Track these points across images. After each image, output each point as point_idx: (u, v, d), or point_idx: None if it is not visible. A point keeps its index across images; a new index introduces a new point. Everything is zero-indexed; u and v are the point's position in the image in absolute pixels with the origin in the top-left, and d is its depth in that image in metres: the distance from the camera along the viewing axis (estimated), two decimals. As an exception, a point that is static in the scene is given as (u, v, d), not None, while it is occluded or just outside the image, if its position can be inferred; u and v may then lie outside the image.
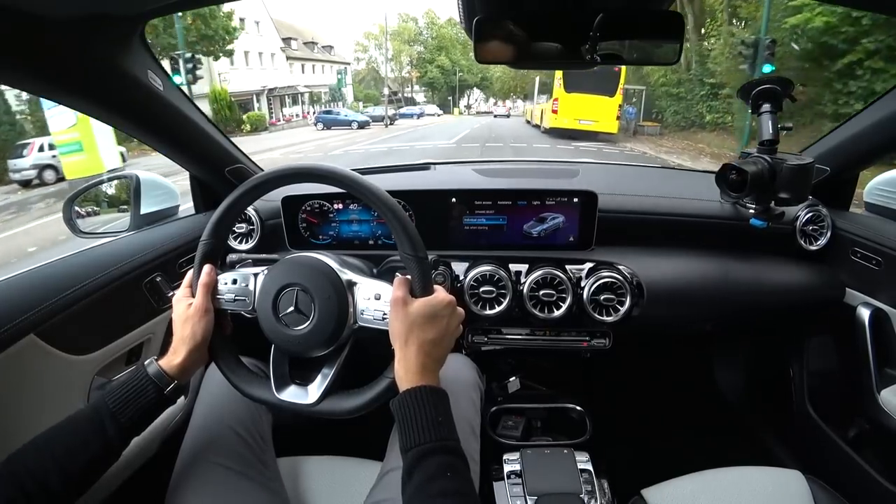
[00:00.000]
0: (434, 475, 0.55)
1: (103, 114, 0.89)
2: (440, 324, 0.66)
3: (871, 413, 1.12)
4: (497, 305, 1.13)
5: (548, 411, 1.34)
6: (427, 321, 0.65)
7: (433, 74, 51.34)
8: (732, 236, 1.23)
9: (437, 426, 0.58)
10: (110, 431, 0.61)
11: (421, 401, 0.60)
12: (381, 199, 0.68)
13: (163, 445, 1.00)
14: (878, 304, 1.14)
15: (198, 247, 0.75)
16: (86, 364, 0.86)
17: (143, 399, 0.64)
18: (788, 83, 1.05)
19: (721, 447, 1.54)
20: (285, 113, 31.78)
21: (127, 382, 0.65)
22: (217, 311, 0.74)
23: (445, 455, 0.57)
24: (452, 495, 0.54)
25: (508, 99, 59.29)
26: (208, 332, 0.72)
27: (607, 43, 0.79)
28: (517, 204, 1.16)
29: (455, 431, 0.60)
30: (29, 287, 0.82)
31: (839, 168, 1.23)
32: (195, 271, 0.75)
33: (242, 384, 0.74)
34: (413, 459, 0.56)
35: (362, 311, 0.70)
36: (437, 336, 0.66)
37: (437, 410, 0.60)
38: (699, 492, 0.87)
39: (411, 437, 0.58)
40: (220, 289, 0.75)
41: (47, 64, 0.70)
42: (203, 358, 0.73)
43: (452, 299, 0.69)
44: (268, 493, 0.79)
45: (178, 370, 0.68)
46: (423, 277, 0.68)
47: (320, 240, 1.22)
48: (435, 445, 0.57)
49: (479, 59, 0.80)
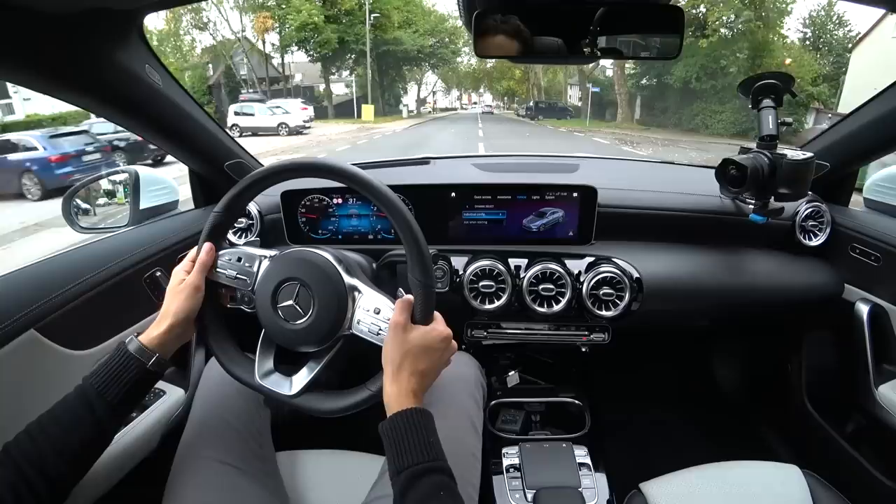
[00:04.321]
0: (428, 495, 0.56)
1: (102, 109, 0.89)
2: (434, 356, 0.67)
3: (869, 408, 1.13)
4: (496, 300, 1.13)
5: (547, 405, 1.35)
6: (422, 351, 0.66)
7: (304, 20, 23.55)
8: (732, 232, 1.23)
9: (429, 447, 0.59)
10: (99, 411, 0.61)
11: (411, 423, 0.60)
12: (402, 217, 0.68)
13: (163, 440, 1.01)
14: (876, 300, 1.14)
15: (210, 217, 0.76)
16: (86, 359, 0.86)
17: (126, 375, 0.64)
18: (789, 78, 1.04)
19: (719, 442, 1.55)
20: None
21: (109, 361, 0.65)
22: (215, 283, 0.75)
23: (438, 475, 0.58)
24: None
25: (475, 91, 49.27)
26: (194, 309, 0.72)
27: (607, 37, 0.79)
28: (517, 198, 1.16)
29: (443, 452, 0.61)
30: (29, 283, 0.82)
31: (839, 164, 1.23)
32: (200, 242, 0.75)
33: (227, 362, 0.75)
34: (406, 481, 0.57)
35: (359, 320, 0.71)
36: (428, 367, 0.67)
37: (427, 431, 0.60)
38: (697, 486, 0.88)
39: (403, 459, 0.58)
40: (222, 263, 0.76)
41: (45, 59, 0.70)
42: (186, 334, 0.73)
43: (449, 333, 0.70)
44: (266, 488, 0.79)
45: (158, 342, 0.68)
46: (425, 306, 0.68)
47: (320, 234, 1.22)
48: (428, 466, 0.57)
49: (479, 54, 0.80)
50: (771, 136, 1.03)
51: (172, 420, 1.03)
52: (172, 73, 0.94)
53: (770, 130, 1.03)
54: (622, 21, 0.80)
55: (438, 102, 50.76)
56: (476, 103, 50.09)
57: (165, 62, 0.90)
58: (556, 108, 32.52)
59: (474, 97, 52.12)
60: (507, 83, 44.48)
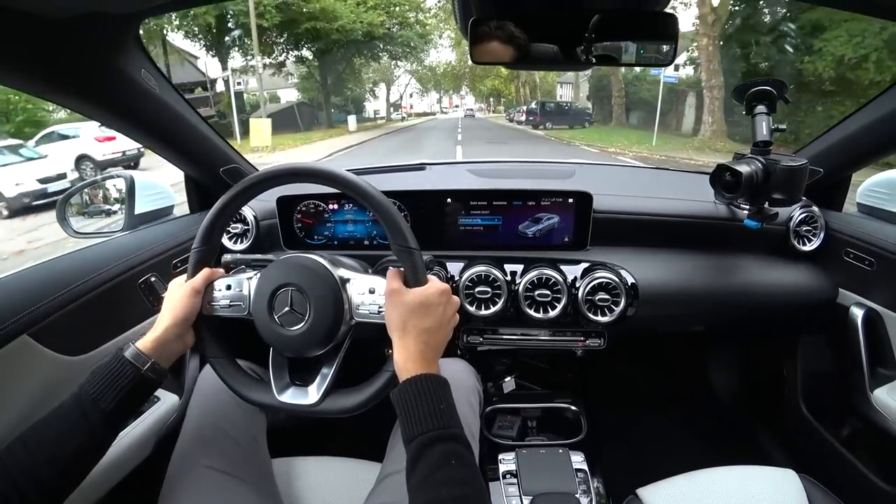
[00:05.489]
0: (438, 464, 0.54)
1: (97, 113, 0.89)
2: (436, 312, 0.67)
3: (864, 412, 1.13)
4: (492, 306, 1.13)
5: (543, 411, 1.34)
6: (423, 309, 0.65)
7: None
8: (726, 237, 1.24)
9: (440, 414, 0.58)
10: (93, 419, 0.61)
11: (421, 389, 0.60)
12: (371, 196, 0.69)
13: (157, 447, 1.00)
14: (870, 304, 1.15)
15: (191, 254, 0.75)
16: (80, 365, 0.86)
17: (121, 381, 0.64)
18: (782, 85, 1.05)
19: (715, 446, 1.55)
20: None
21: (104, 367, 0.65)
22: (213, 316, 0.74)
23: (449, 443, 0.57)
24: (458, 483, 0.54)
25: (457, 93, 42.50)
26: (192, 312, 0.72)
27: (602, 44, 0.80)
28: (512, 204, 1.16)
29: (458, 418, 0.60)
30: (22, 288, 0.82)
31: (832, 169, 1.24)
32: (188, 277, 0.74)
33: (242, 389, 0.74)
34: (416, 449, 0.56)
35: (358, 306, 0.71)
36: (433, 324, 0.66)
37: (437, 398, 0.59)
38: (693, 491, 0.88)
39: (414, 427, 0.57)
40: (214, 295, 0.75)
41: (41, 63, 0.70)
42: (183, 338, 0.72)
43: (446, 287, 0.69)
44: (261, 495, 0.79)
45: (153, 347, 0.67)
46: (415, 268, 0.68)
47: (315, 240, 1.22)
48: (438, 434, 0.56)
49: (475, 60, 0.81)
50: (765, 142, 1.04)
51: (167, 426, 1.02)
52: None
53: (764, 136, 1.04)
54: (617, 28, 0.80)
55: (416, 106, 43.91)
56: (458, 106, 44.48)
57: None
58: (569, 112, 22.38)
59: (455, 99, 46.70)
60: (492, 82, 39.97)
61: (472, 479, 0.56)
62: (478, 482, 0.56)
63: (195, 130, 1.08)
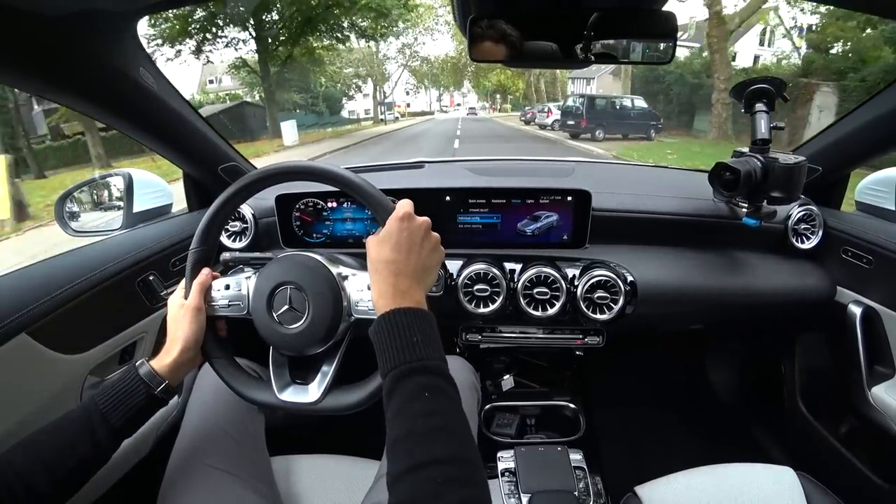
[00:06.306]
0: (411, 396, 0.53)
1: (95, 111, 0.88)
2: (399, 238, 0.64)
3: (862, 410, 1.13)
4: (491, 304, 1.13)
5: (541, 409, 1.35)
6: (386, 243, 0.64)
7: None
8: (725, 235, 1.24)
9: (413, 347, 0.56)
10: (100, 433, 0.60)
11: (393, 323, 0.57)
12: (368, 192, 0.70)
13: (156, 445, 1.00)
14: (868, 302, 1.15)
15: (188, 255, 0.75)
16: (78, 363, 0.86)
17: (133, 400, 0.64)
18: (781, 83, 1.05)
19: (713, 444, 1.56)
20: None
21: (117, 383, 0.65)
22: (213, 317, 0.74)
23: (423, 375, 0.54)
24: (433, 414, 0.52)
25: (458, 90, 37.94)
26: (200, 331, 0.71)
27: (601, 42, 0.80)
28: (511, 202, 1.16)
29: (437, 350, 0.57)
30: (20, 286, 0.81)
31: (830, 167, 1.24)
32: (188, 278, 0.74)
33: (243, 388, 0.74)
34: (391, 383, 0.54)
35: (357, 302, 0.71)
36: (400, 255, 0.63)
37: (411, 331, 0.57)
38: (692, 488, 0.88)
39: (387, 363, 0.55)
40: (213, 295, 0.74)
41: (39, 61, 0.70)
42: (196, 358, 0.72)
43: (408, 212, 0.66)
44: (260, 493, 0.79)
45: (169, 370, 0.68)
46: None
47: (314, 238, 1.22)
48: (411, 367, 0.54)
49: (474, 59, 0.81)
50: (763, 140, 1.04)
51: (166, 425, 1.02)
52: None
53: (763, 134, 1.04)
54: (616, 26, 0.80)
55: (414, 105, 38.86)
56: (459, 105, 40.13)
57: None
58: (629, 114, 14.28)
59: (457, 97, 42.20)
60: (497, 77, 35.73)
61: (450, 410, 0.54)
62: (455, 413, 0.54)
63: (194, 129, 1.08)
